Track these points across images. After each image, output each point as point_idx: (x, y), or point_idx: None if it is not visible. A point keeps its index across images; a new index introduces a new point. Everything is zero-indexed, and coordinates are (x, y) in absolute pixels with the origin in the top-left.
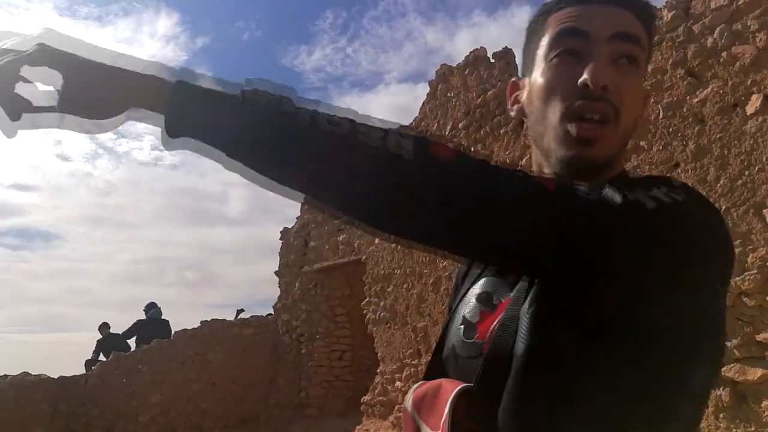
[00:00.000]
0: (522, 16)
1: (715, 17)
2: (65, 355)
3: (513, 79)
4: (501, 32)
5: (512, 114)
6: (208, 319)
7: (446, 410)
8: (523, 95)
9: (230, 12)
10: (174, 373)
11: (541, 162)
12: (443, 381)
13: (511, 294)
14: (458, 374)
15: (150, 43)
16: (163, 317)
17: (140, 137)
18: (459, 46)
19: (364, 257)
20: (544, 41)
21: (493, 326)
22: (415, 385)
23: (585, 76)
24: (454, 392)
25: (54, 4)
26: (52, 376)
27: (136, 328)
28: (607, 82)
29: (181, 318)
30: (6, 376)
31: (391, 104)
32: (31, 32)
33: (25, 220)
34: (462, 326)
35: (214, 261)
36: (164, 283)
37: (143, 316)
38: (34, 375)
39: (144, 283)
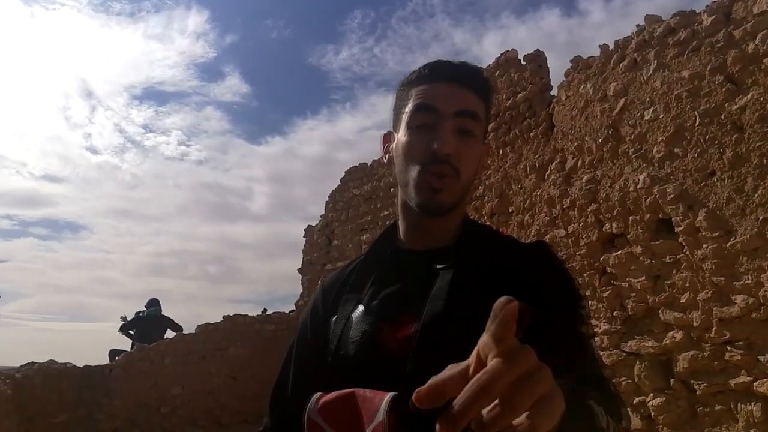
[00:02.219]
0: (552, 19)
1: (758, 23)
2: (89, 343)
3: (385, 132)
4: (530, 35)
5: (385, 160)
6: (231, 314)
7: (382, 417)
8: (392, 147)
9: (259, 10)
10: (195, 366)
11: (405, 201)
12: (357, 390)
13: (410, 309)
14: (366, 381)
15: (180, 39)
16: (165, 315)
17: (168, 132)
18: (486, 48)
19: None
20: (407, 108)
21: (412, 331)
22: (317, 395)
23: (435, 145)
24: (386, 399)
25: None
26: (77, 365)
27: (132, 324)
28: (449, 150)
29: (202, 311)
30: (33, 363)
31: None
32: None
33: (54, 211)
34: (364, 337)
35: (237, 256)
36: (187, 276)
37: (146, 311)
38: (60, 363)
39: (167, 276)
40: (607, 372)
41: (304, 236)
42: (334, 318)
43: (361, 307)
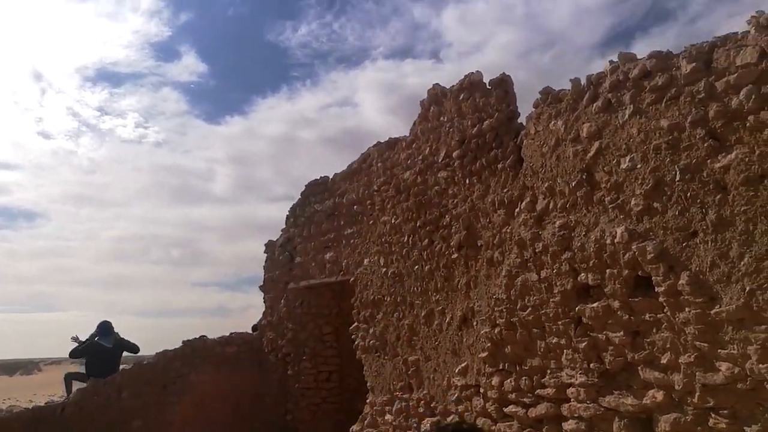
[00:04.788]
0: None
1: (742, 76)
2: (54, 333)
3: None
4: (489, 8)
5: None
6: (190, 339)
7: None
8: None
9: None
10: (155, 397)
11: None
12: None
13: None
14: None
15: (133, 18)
16: (120, 338)
17: (124, 114)
18: (446, 22)
19: (352, 279)
20: None
21: None
22: None
23: None
24: None
25: None
26: (26, 407)
27: (84, 351)
28: None
29: (167, 295)
30: None
31: (378, 80)
32: None
33: (7, 199)
34: None
35: (201, 239)
36: (150, 260)
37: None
38: (7, 408)
39: (130, 261)
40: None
41: (265, 252)
42: None
43: None
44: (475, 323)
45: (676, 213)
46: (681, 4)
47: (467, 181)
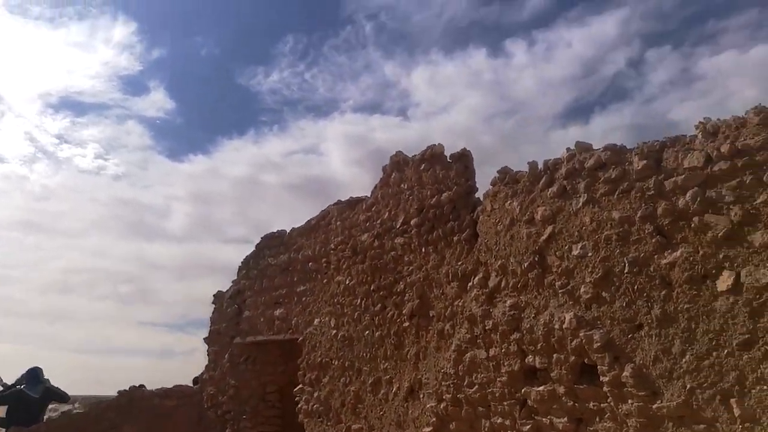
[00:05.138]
0: (479, 58)
1: (689, 178)
2: None
3: None
4: (457, 72)
5: None
6: (126, 389)
7: None
8: None
9: (190, 26)
10: None
11: None
12: None
13: None
14: None
15: (104, 49)
16: (48, 386)
17: (84, 144)
18: (416, 81)
19: (300, 338)
20: None
21: None
22: None
23: None
24: None
25: (3, 0)
26: None
27: (7, 398)
28: None
29: (110, 333)
30: None
31: (346, 132)
32: None
33: None
34: None
35: (151, 276)
36: (96, 295)
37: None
38: None
39: (75, 294)
40: None
41: (213, 302)
42: None
43: None
44: (421, 395)
45: (624, 304)
46: (638, 85)
47: (423, 250)
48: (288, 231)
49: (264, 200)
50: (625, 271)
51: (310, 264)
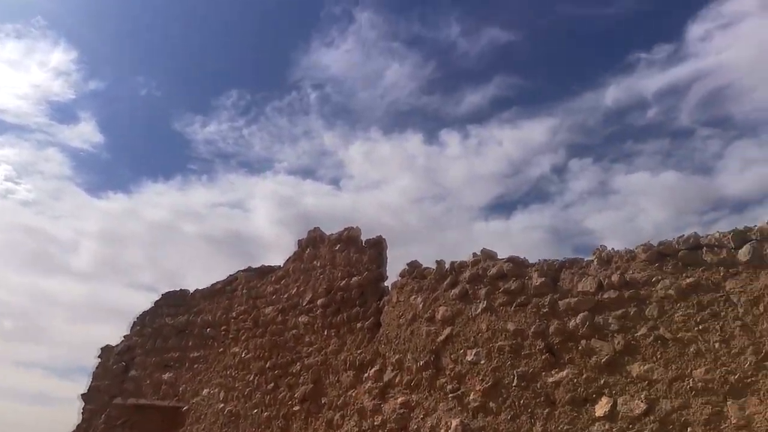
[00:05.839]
0: (414, 143)
1: (581, 301)
2: None
3: None
4: (393, 152)
5: None
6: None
7: None
8: None
9: (135, 64)
10: None
11: None
12: None
13: None
14: None
15: (37, 71)
16: None
17: None
18: (352, 154)
19: (186, 407)
20: None
21: None
22: None
23: None
24: None
25: None
26: None
27: None
28: None
29: None
30: None
31: (276, 192)
32: None
33: None
34: None
35: (44, 313)
36: None
37: None
38: None
39: None
40: None
41: (98, 356)
42: None
43: None
44: None
45: (509, 417)
46: (559, 190)
47: (325, 333)
48: (191, 291)
49: (179, 249)
50: (514, 384)
51: (208, 330)
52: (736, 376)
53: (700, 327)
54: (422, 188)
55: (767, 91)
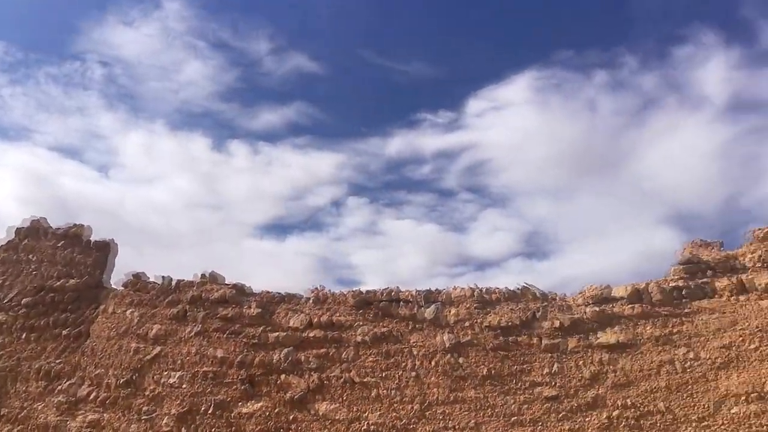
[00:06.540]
0: (201, 146)
1: (288, 337)
2: None
3: None
4: (175, 150)
5: None
6: None
7: None
8: None
9: None
10: None
11: None
12: None
13: None
14: None
15: None
16: None
17: None
18: (129, 143)
19: None
20: None
21: None
22: None
23: None
24: None
25: None
26: None
27: None
28: None
29: None
30: None
31: (29, 167)
32: None
33: None
34: None
35: None
36: None
37: None
38: None
39: None
40: None
41: None
42: None
43: None
44: None
45: None
46: (334, 222)
47: (23, 336)
48: None
49: None
50: (209, 411)
51: None
52: (402, 423)
53: (384, 374)
54: (200, 194)
55: (517, 172)
